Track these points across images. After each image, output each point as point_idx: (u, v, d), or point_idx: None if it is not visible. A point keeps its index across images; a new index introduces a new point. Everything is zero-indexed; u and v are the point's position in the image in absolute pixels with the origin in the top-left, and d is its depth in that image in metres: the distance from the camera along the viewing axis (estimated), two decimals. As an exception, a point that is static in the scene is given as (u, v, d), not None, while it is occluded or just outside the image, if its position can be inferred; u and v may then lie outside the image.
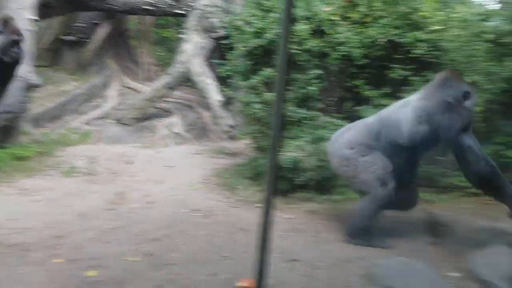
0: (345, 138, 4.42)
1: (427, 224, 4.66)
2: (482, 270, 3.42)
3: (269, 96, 5.86)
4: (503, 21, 6.66)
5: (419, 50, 5.75)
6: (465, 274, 3.51)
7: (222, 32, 8.83)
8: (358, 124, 4.55)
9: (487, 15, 7.04)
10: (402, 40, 5.88)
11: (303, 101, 5.97)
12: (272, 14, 6.26)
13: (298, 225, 4.54)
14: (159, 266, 3.57)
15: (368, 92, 5.94)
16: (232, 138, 8.21)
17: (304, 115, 5.78)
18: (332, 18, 6.19)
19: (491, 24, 6.77)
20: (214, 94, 8.74)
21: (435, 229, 4.50)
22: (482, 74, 5.99)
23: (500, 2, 9.89)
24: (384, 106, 5.70)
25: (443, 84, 4.12)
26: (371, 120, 4.48)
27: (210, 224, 4.56)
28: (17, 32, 5.79)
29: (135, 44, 11.70)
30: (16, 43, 5.66)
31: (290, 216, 4.83)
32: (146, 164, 6.83)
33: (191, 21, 9.37)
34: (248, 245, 3.82)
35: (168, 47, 12.70)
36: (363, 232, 4.13)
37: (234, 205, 5.25)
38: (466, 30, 6.26)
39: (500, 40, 6.55)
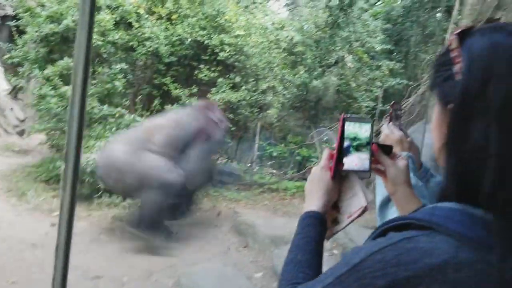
0: None
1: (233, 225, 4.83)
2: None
3: (67, 89, 5.26)
4: (294, 32, 7.43)
5: (225, 53, 5.94)
6: (268, 272, 3.73)
7: (9, 11, 7.62)
8: None
9: (282, 25, 7.76)
10: (208, 41, 5.98)
11: (107, 97, 5.57)
12: (70, -2, 5.66)
13: (102, 235, 4.17)
14: None
15: (177, 91, 5.88)
16: (22, 133, 7.18)
17: (108, 113, 5.38)
18: (138, 11, 5.93)
19: (284, 33, 7.48)
20: (0, 81, 7.52)
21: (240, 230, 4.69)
22: (278, 80, 6.56)
23: (288, 10, 11.07)
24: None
25: None
26: None
27: (-8, 240, 3.85)
28: None
29: None
30: None
31: (92, 226, 4.41)
32: None
33: (-33, -8, 7.84)
34: (41, 264, 3.35)
35: None
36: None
37: (24, 215, 4.56)
38: (265, 37, 6.76)
39: (293, 50, 7.30)
